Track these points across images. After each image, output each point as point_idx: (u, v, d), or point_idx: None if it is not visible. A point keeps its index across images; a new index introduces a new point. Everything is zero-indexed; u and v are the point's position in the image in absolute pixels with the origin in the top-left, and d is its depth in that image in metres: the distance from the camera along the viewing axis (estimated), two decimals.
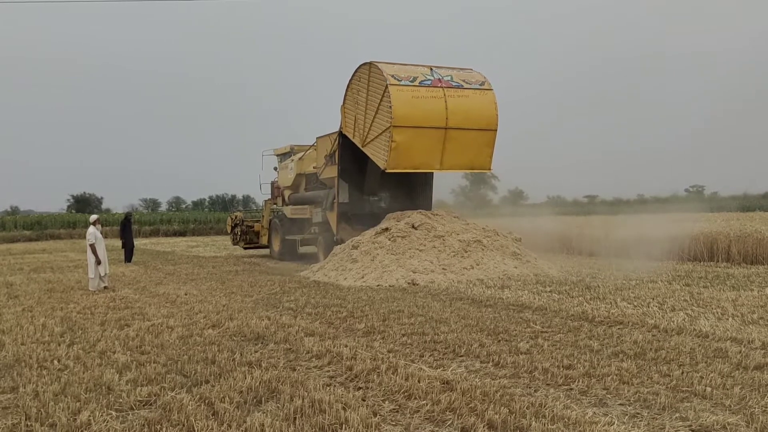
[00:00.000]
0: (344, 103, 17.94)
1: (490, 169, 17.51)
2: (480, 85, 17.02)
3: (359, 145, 17.17)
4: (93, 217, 14.40)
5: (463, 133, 16.54)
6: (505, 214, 35.20)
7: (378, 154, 16.36)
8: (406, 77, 16.04)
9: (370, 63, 16.53)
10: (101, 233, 14.09)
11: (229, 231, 25.85)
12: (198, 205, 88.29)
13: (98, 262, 13.44)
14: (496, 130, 17.07)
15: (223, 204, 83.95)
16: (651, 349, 6.99)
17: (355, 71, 17.38)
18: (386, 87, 15.68)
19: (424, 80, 16.24)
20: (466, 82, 16.85)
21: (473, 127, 16.67)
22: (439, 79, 16.50)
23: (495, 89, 17.22)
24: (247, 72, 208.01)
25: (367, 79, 16.70)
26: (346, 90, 17.88)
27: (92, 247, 13.45)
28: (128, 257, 21.79)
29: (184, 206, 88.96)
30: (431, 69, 16.78)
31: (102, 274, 13.62)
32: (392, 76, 15.84)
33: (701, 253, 18.22)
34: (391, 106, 15.51)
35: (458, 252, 14.95)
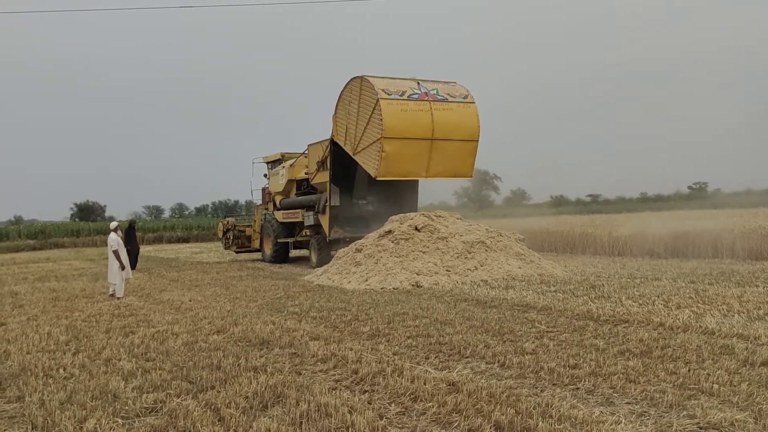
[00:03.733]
0: (336, 112, 18.66)
1: (471, 176, 18.63)
2: (463, 98, 17.93)
3: (350, 153, 17.96)
4: (114, 224, 14.50)
5: (447, 144, 17.50)
6: (508, 215, 35.25)
7: (369, 163, 17.23)
8: (396, 91, 16.84)
9: (362, 77, 17.22)
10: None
11: (220, 236, 26.47)
12: (201, 211, 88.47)
13: (122, 267, 13.49)
14: (478, 140, 18.09)
15: (227, 209, 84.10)
16: (657, 347, 6.96)
17: (347, 83, 18.09)
18: (377, 101, 16.48)
19: (412, 94, 17.08)
20: (451, 96, 17.72)
21: (457, 138, 17.65)
22: (425, 92, 17.37)
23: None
24: (248, 78, 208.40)
25: (358, 91, 17.39)
26: (338, 100, 18.55)
27: (116, 253, 13.50)
28: (132, 264, 21.80)
29: (187, 212, 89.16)
30: (418, 83, 17.59)
31: (125, 278, 13.69)
32: (383, 90, 16.64)
33: (705, 250, 18.18)
34: (382, 119, 16.35)
35: (462, 253, 14.93)
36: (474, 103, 18.03)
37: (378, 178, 17.11)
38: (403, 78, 17.70)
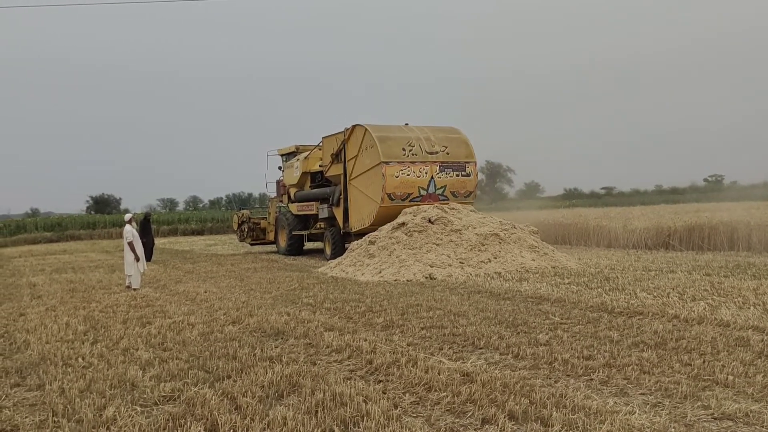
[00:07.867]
0: (357, 125, 18.29)
1: None
2: (465, 197, 18.16)
3: (347, 174, 18.56)
4: (128, 216, 14.35)
5: None
6: (521, 207, 35.13)
7: (351, 211, 18.42)
8: (401, 194, 17.12)
9: (381, 161, 16.86)
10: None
11: (235, 228, 26.58)
12: (215, 204, 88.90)
13: (137, 259, 13.54)
14: None
15: (240, 202, 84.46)
16: (672, 338, 6.95)
17: (369, 134, 17.50)
18: (378, 206, 16.92)
19: (416, 197, 17.33)
20: (456, 194, 17.96)
21: None
22: (430, 194, 17.53)
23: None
24: (262, 71, 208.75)
25: (373, 164, 17.28)
26: (362, 129, 17.94)
27: (131, 245, 13.52)
28: (148, 256, 21.99)
29: (201, 205, 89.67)
30: (432, 177, 17.49)
31: (141, 271, 13.74)
32: (389, 195, 16.88)
33: (721, 243, 18.04)
34: (374, 216, 17.12)
35: (475, 245, 14.93)
36: (472, 202, 18.35)
37: (351, 231, 18.22)
38: (423, 159, 17.31)
